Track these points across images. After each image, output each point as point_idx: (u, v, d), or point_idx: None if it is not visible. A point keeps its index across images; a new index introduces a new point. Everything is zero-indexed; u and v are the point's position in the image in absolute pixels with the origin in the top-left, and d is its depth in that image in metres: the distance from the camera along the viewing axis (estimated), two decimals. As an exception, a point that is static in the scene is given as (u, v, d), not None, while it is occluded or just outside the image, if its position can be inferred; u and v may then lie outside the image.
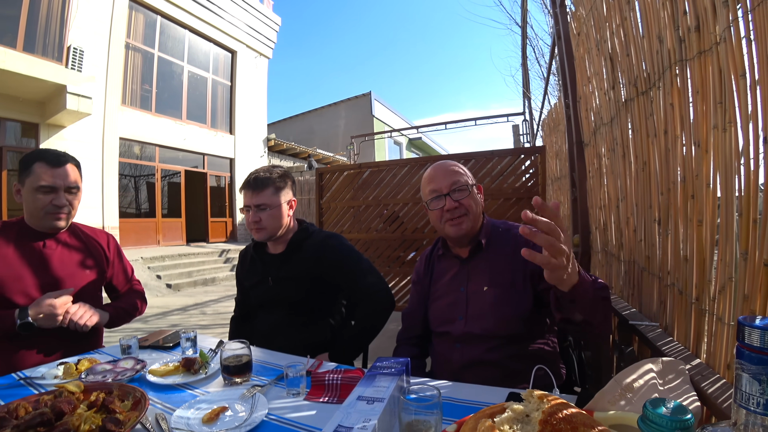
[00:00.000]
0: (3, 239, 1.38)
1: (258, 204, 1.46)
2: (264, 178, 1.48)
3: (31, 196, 1.38)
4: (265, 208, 1.46)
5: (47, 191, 1.38)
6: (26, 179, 1.38)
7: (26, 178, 1.38)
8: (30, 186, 1.37)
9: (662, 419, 0.36)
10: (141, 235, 9.67)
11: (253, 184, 1.47)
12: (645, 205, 1.34)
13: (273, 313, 1.55)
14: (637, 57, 1.35)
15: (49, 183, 1.37)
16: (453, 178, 1.27)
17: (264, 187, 1.47)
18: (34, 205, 1.38)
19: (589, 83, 2.03)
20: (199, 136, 11.16)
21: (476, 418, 0.62)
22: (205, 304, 6.23)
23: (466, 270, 1.30)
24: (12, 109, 7.24)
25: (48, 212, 1.39)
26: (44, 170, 1.37)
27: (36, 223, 1.43)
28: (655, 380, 0.74)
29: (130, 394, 0.93)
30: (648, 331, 1.17)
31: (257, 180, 1.47)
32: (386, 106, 20.15)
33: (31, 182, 1.37)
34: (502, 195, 3.39)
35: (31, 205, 1.39)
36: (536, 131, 6.70)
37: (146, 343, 1.43)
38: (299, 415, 0.89)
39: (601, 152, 1.93)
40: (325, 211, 4.27)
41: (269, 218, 1.47)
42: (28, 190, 1.38)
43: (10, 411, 0.80)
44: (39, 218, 1.41)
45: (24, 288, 1.35)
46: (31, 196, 1.38)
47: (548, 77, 4.68)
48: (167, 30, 10.52)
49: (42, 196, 1.38)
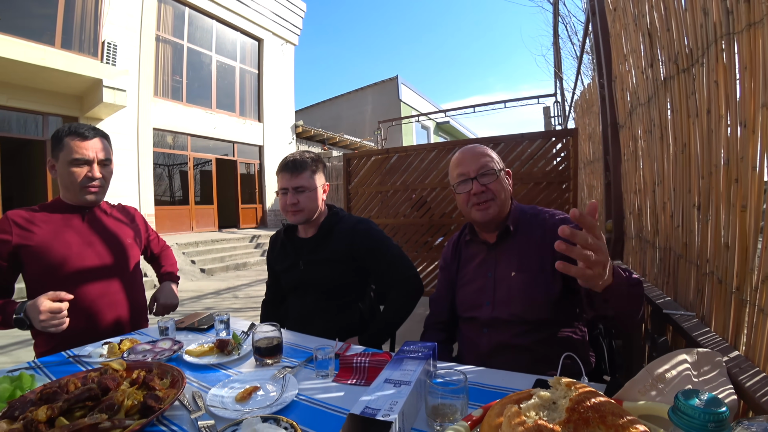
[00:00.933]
0: (46, 218, 1.43)
1: (296, 186, 1.48)
2: (302, 160, 1.51)
3: (66, 169, 1.41)
4: (304, 191, 1.49)
5: (81, 164, 1.41)
6: (59, 153, 1.40)
7: (59, 152, 1.40)
8: (64, 160, 1.40)
9: (695, 411, 0.35)
10: (175, 222, 10.07)
11: (291, 166, 1.50)
12: (684, 189, 1.28)
13: (303, 296, 1.59)
14: (678, 32, 1.27)
15: (83, 156, 1.40)
16: (481, 161, 1.25)
17: (302, 169, 1.49)
18: (70, 179, 1.42)
19: (625, 61, 1.93)
20: (228, 125, 11.41)
21: (502, 404, 0.62)
22: (237, 288, 6.45)
23: (493, 255, 1.29)
24: (53, 104, 7.61)
25: (83, 185, 1.43)
26: (76, 143, 1.40)
27: (72, 198, 1.46)
28: (689, 371, 0.71)
29: (168, 372, 0.98)
30: (683, 321, 1.13)
31: (295, 163, 1.50)
32: (413, 90, 19.91)
33: (64, 156, 1.40)
34: (531, 179, 3.31)
35: (66, 179, 1.42)
36: (568, 113, 6.47)
37: (182, 325, 1.50)
38: (328, 396, 0.92)
39: (637, 134, 1.85)
40: (353, 196, 4.30)
41: (307, 200, 1.49)
42: (62, 164, 1.41)
43: (61, 386, 0.87)
44: (75, 192, 1.44)
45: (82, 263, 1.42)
46: (66, 169, 1.41)
47: (581, 56, 4.49)
48: (195, 21, 10.70)
49: (76, 169, 1.41)
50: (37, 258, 1.37)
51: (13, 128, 7.39)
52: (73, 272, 1.41)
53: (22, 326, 1.26)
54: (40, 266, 1.38)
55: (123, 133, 8.63)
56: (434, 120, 21.55)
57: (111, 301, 1.48)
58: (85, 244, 1.46)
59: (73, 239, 1.44)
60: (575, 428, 0.54)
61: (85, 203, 1.48)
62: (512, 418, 0.54)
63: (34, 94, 7.28)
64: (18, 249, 1.36)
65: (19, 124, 7.49)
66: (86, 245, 1.46)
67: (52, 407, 0.77)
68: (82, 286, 1.42)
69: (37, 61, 6.39)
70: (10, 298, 1.38)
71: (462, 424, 0.60)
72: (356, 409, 0.67)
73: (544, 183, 3.28)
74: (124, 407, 0.82)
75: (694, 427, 0.35)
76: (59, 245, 1.40)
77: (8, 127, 7.32)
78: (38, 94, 7.33)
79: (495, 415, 0.60)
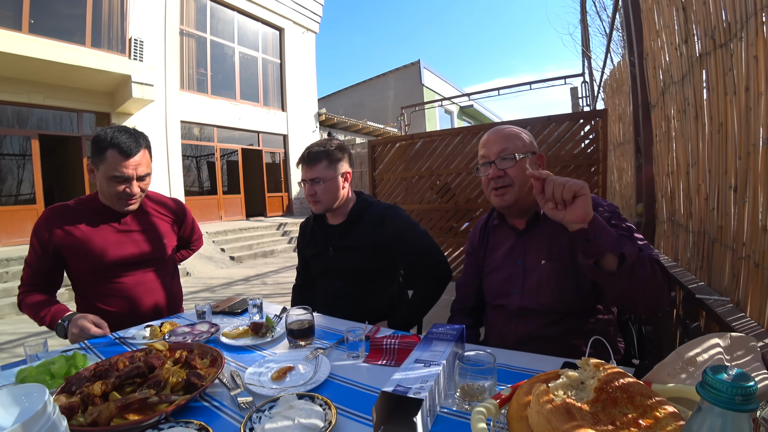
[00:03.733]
0: (85, 214, 1.50)
1: (312, 178, 1.51)
2: (316, 152, 1.52)
3: (105, 182, 1.43)
4: (319, 182, 1.51)
5: (120, 181, 1.42)
6: (100, 164, 1.41)
7: (100, 163, 1.41)
8: (104, 172, 1.41)
9: (722, 385, 0.35)
10: (204, 212, 10.37)
11: (307, 158, 1.53)
12: (719, 170, 1.23)
13: (333, 282, 1.63)
14: (715, 4, 1.21)
15: (122, 174, 1.41)
16: (503, 144, 1.18)
17: (317, 161, 1.52)
18: (108, 191, 1.44)
19: (657, 37, 1.85)
20: (253, 115, 11.57)
21: (531, 383, 0.63)
22: (266, 274, 6.63)
23: (522, 242, 1.25)
24: (86, 101, 7.92)
25: (120, 198, 1.46)
26: (117, 160, 1.39)
27: (109, 204, 1.50)
28: (721, 355, 0.70)
29: (207, 353, 1.04)
30: (717, 306, 1.10)
31: (310, 155, 1.53)
32: (436, 73, 19.62)
33: (104, 169, 1.40)
34: (559, 162, 3.25)
35: (105, 189, 1.45)
36: (597, 93, 6.24)
37: (218, 309, 1.58)
38: (359, 375, 0.96)
39: (670, 114, 1.78)
40: (378, 183, 4.32)
41: (323, 191, 1.52)
42: (101, 175, 1.42)
43: (111, 364, 0.94)
44: (112, 203, 1.48)
45: (120, 253, 1.50)
46: (105, 182, 1.43)
47: (611, 33, 4.31)
48: (217, 13, 10.82)
49: (115, 184, 1.42)
50: (76, 252, 1.46)
51: (50, 125, 7.76)
52: (110, 263, 1.49)
53: (60, 332, 1.35)
54: (80, 260, 1.47)
55: (152, 127, 8.89)
56: (458, 104, 21.21)
57: (148, 288, 1.57)
58: (122, 236, 1.53)
59: (110, 234, 1.51)
60: (603, 408, 0.55)
61: (122, 212, 1.53)
62: (540, 396, 0.56)
63: (69, 93, 7.59)
64: (59, 245, 1.45)
65: (56, 122, 7.84)
66: (123, 237, 1.53)
67: (105, 383, 0.85)
68: (120, 276, 1.51)
69: (70, 61, 6.66)
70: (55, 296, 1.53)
71: (491, 401, 0.62)
72: (388, 387, 0.70)
73: (572, 166, 3.21)
74: (170, 384, 0.88)
75: (722, 400, 0.36)
76: (98, 239, 1.48)
77: (46, 125, 7.68)
78: (72, 92, 7.64)
79: (523, 393, 0.62)
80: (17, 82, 6.91)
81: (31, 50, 6.23)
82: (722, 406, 0.37)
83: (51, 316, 1.38)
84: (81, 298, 1.55)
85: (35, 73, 6.84)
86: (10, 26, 6.43)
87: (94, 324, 1.32)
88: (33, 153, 7.31)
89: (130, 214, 1.57)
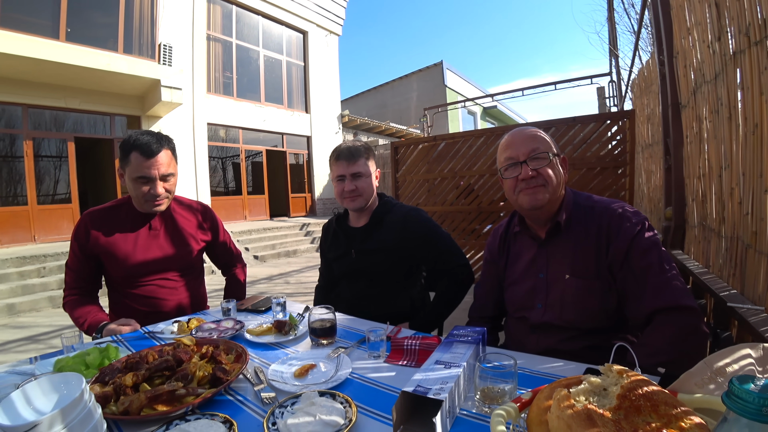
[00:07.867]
0: (117, 219, 1.57)
1: (354, 172, 1.54)
2: (356, 148, 1.57)
3: (131, 184, 1.49)
4: (361, 176, 1.55)
5: (144, 182, 1.48)
6: (126, 167, 1.48)
7: (126, 166, 1.48)
8: (129, 175, 1.48)
9: (750, 395, 0.34)
10: (229, 212, 10.63)
11: (347, 153, 1.56)
12: (754, 173, 1.19)
13: (355, 283, 1.64)
14: (749, 0, 1.17)
15: (145, 174, 1.46)
16: (532, 144, 1.15)
17: (359, 156, 1.56)
18: (135, 193, 1.51)
19: (688, 35, 1.79)
20: (277, 117, 11.79)
21: (552, 388, 0.63)
22: (289, 274, 6.73)
23: (545, 253, 1.20)
24: (118, 105, 8.28)
25: (147, 200, 1.51)
26: (139, 161, 1.45)
27: (138, 207, 1.57)
28: (752, 366, 0.67)
29: (232, 349, 1.07)
30: (750, 315, 1.06)
31: (350, 150, 1.56)
32: (458, 74, 19.50)
33: (130, 171, 1.47)
34: (585, 164, 3.18)
35: (132, 191, 1.52)
36: (624, 93, 6.07)
37: (242, 306, 1.62)
38: (380, 375, 0.97)
39: (701, 114, 1.72)
40: (401, 184, 4.33)
41: (365, 185, 1.56)
42: (128, 177, 1.49)
43: (141, 357, 0.98)
44: (140, 204, 1.54)
45: (145, 256, 1.57)
46: (131, 184, 1.49)
47: (639, 31, 4.19)
48: (242, 18, 11.09)
49: (140, 185, 1.48)
50: (109, 256, 1.54)
51: (84, 129, 8.13)
52: (138, 267, 1.56)
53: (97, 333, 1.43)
54: (112, 262, 1.55)
55: (180, 129, 9.20)
56: (481, 105, 21.00)
57: (173, 290, 1.63)
58: (151, 241, 1.60)
59: (140, 239, 1.58)
60: (626, 416, 0.54)
61: (151, 213, 1.59)
62: (562, 401, 0.55)
63: (102, 97, 7.95)
64: (96, 249, 1.54)
65: (90, 125, 8.21)
66: (152, 242, 1.60)
67: (136, 374, 0.89)
68: (147, 277, 1.59)
69: (104, 67, 6.98)
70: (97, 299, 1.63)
71: (511, 405, 0.62)
72: (408, 387, 0.71)
73: (598, 168, 3.14)
74: (197, 377, 0.91)
75: (749, 411, 0.35)
76: (128, 244, 1.56)
77: (81, 128, 8.05)
78: (105, 97, 7.99)
79: (544, 398, 0.61)
80: (55, 87, 7.28)
81: (68, 57, 6.57)
82: (749, 417, 0.36)
83: (87, 326, 1.47)
84: (112, 296, 1.64)
85: (71, 79, 7.19)
86: (48, 35, 6.78)
87: (123, 325, 1.40)
88: (69, 155, 7.67)
89: (159, 219, 1.63)
